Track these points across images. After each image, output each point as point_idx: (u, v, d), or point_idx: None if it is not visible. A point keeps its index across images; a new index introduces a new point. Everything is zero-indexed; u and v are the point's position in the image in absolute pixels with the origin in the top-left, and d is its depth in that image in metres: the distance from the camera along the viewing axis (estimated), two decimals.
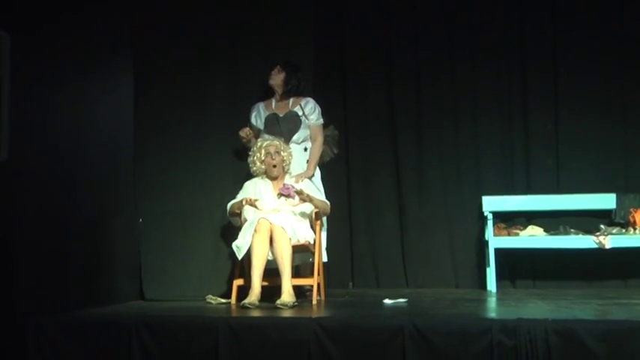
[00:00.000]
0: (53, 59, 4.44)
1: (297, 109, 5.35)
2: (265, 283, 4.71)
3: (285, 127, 5.30)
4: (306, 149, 5.36)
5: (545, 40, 6.22)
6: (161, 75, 5.37)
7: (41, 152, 4.32)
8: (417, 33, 6.39)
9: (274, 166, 5.07)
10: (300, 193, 4.89)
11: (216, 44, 5.45)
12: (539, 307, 4.59)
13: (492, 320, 3.77)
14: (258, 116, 5.38)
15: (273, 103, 5.41)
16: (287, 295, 4.52)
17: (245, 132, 5.24)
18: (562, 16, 6.19)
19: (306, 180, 5.16)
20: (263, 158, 5.08)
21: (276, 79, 5.35)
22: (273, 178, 5.11)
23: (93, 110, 4.87)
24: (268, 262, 4.71)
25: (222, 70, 5.44)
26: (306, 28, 5.62)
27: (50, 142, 4.42)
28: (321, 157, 5.42)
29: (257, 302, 4.53)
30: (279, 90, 5.38)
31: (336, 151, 5.55)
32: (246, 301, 4.52)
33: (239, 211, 4.94)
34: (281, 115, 5.35)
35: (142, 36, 5.36)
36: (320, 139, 5.36)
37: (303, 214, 4.99)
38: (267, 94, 5.47)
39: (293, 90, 5.37)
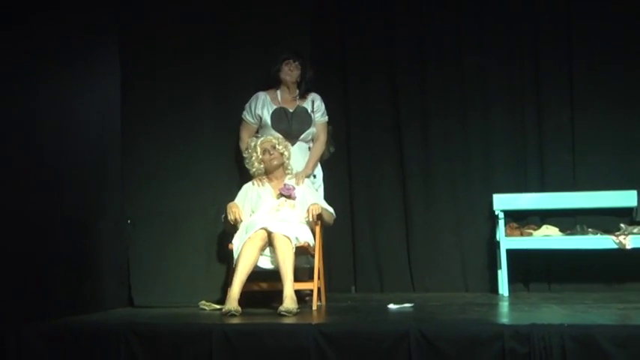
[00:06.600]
0: (34, 52, 4.41)
1: (307, 105, 5.31)
2: (264, 287, 4.82)
3: (296, 124, 5.26)
4: (310, 148, 5.36)
5: (559, 25, 6.21)
6: (149, 68, 5.35)
7: (21, 151, 4.30)
8: (421, 20, 6.37)
9: (274, 161, 5.08)
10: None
11: (207, 33, 5.43)
12: (555, 311, 4.61)
13: (504, 326, 3.76)
14: (265, 108, 5.27)
15: (279, 96, 5.34)
16: (290, 302, 4.51)
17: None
18: (577, 0, 6.17)
19: (307, 182, 5.20)
20: (260, 157, 5.10)
21: (293, 75, 5.29)
22: (273, 178, 5.14)
23: (77, 106, 4.85)
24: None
25: (213, 60, 5.42)
26: (304, 13, 5.60)
27: (31, 140, 4.40)
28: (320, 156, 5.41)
29: (239, 309, 4.49)
30: (292, 85, 5.32)
31: (332, 149, 5.53)
32: (226, 308, 4.49)
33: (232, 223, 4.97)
34: (291, 110, 5.29)
35: (128, 27, 5.34)
36: (323, 137, 5.35)
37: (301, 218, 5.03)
38: (260, 85, 5.43)
39: (308, 86, 5.32)
